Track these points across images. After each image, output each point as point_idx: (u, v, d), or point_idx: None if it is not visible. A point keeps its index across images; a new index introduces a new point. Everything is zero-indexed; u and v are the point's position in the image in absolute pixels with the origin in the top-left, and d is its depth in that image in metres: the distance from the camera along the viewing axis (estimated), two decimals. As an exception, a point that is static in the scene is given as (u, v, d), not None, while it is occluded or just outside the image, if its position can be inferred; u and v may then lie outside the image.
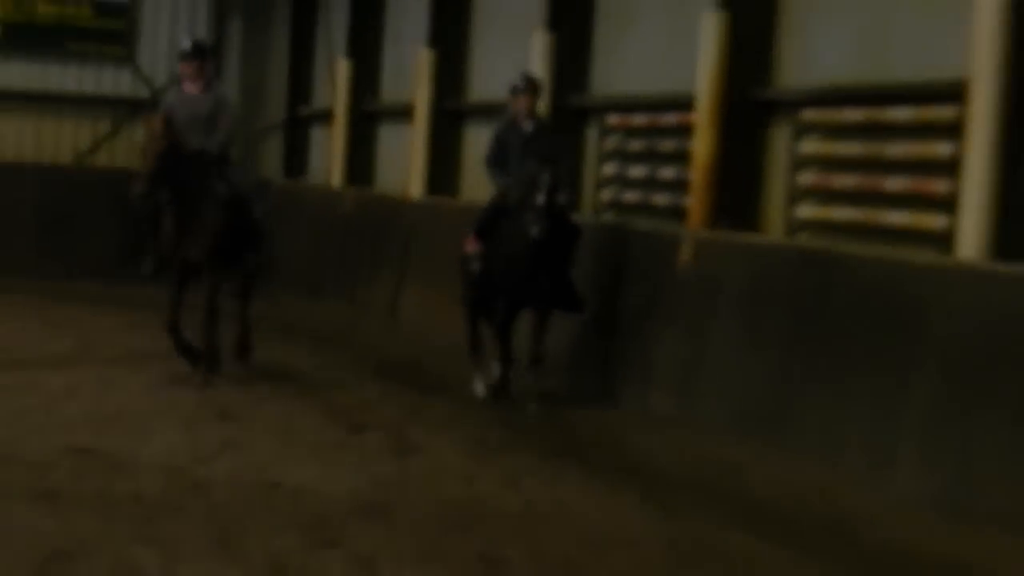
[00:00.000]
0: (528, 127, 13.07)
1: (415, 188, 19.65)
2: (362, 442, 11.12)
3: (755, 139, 13.41)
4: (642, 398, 12.45)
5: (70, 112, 24.43)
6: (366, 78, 22.30)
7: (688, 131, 14.00)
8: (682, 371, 12.12)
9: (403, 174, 20.43)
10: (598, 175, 15.62)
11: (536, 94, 13.27)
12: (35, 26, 24.56)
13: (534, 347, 12.69)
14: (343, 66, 22.70)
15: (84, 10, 24.70)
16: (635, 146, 15.31)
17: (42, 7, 24.58)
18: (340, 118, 22.66)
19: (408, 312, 17.70)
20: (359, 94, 22.38)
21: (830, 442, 10.16)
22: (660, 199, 14.76)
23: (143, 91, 24.52)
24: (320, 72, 24.29)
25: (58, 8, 24.64)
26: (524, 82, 13.33)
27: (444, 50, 19.48)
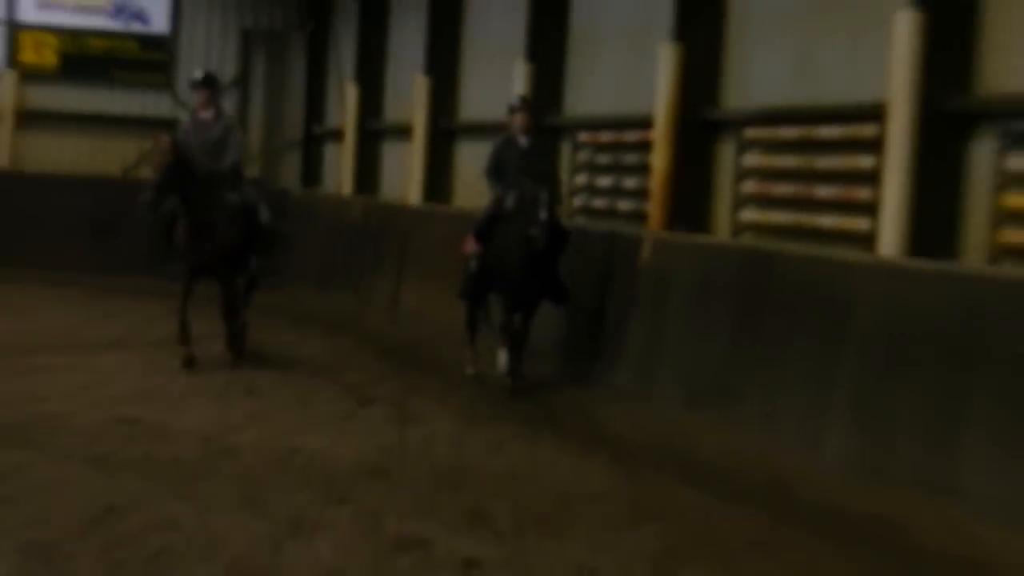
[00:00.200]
0: (523, 142, 12.91)
1: (413, 196, 19.62)
2: (368, 414, 11.12)
3: (705, 154, 13.42)
4: (609, 377, 12.44)
5: (117, 132, 24.30)
6: (371, 101, 22.26)
7: (648, 147, 14.02)
8: (643, 353, 12.12)
9: (403, 184, 20.42)
10: (571, 184, 15.62)
11: (530, 112, 13.18)
12: (88, 58, 24.55)
13: (513, 332, 12.59)
14: (351, 91, 22.65)
15: (130, 44, 24.69)
16: (602, 159, 15.31)
17: (94, 42, 24.57)
18: (349, 136, 22.61)
19: (407, 302, 17.67)
20: (365, 115, 22.35)
21: (769, 414, 10.17)
22: (624, 205, 14.77)
23: (181, 113, 24.38)
24: (332, 96, 24.25)
25: (107, 42, 24.63)
26: (520, 102, 13.29)
27: (438, 77, 19.46)
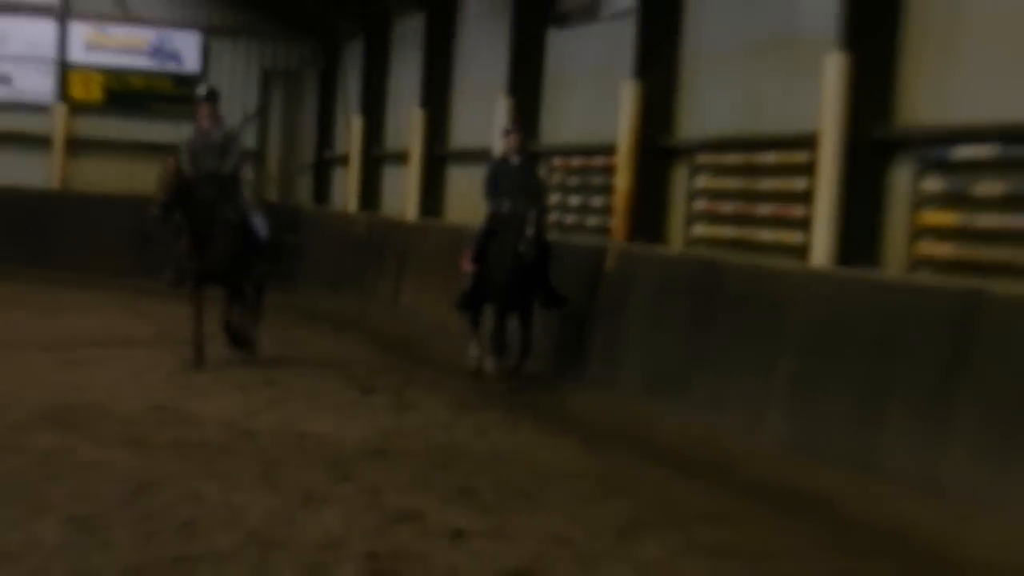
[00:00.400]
0: (516, 161, 12.66)
1: (410, 212, 19.58)
2: (371, 401, 11.06)
3: (661, 176, 13.39)
4: (580, 369, 12.40)
5: (154, 157, 24.21)
6: (374, 130, 22.22)
7: (612, 170, 13.99)
8: (609, 349, 12.07)
9: (401, 202, 20.37)
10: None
11: (522, 134, 12.98)
12: (129, 93, 24.78)
13: (505, 339, 12.26)
14: (356, 121, 22.63)
15: (166, 81, 24.90)
16: (573, 181, 15.28)
17: (134, 79, 24.79)
18: (354, 160, 22.58)
19: (405, 303, 17.63)
20: (369, 142, 22.32)
21: (717, 400, 10.13)
22: (591, 221, 14.73)
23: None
24: (340, 126, 24.26)
25: (146, 80, 24.85)
26: (514, 125, 13.28)
27: (432, 110, 19.44)
